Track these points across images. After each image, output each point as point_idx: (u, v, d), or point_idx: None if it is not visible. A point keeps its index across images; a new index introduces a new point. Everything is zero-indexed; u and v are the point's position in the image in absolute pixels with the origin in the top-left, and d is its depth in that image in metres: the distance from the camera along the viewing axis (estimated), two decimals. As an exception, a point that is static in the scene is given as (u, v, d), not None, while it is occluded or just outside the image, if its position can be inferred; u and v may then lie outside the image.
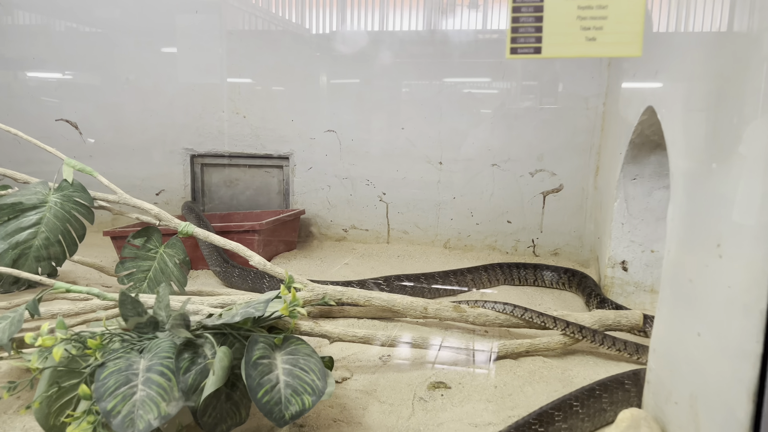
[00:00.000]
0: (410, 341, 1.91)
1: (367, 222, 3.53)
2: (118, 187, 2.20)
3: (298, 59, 3.45)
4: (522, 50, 1.05)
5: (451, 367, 1.94)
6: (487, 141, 3.28)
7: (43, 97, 3.77)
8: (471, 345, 1.97)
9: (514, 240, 3.36)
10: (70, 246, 2.10)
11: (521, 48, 1.05)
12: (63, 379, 1.51)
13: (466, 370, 1.92)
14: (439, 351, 1.98)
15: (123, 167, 3.72)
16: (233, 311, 1.72)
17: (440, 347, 1.95)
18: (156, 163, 3.69)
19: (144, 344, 1.56)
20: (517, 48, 1.05)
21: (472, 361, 1.98)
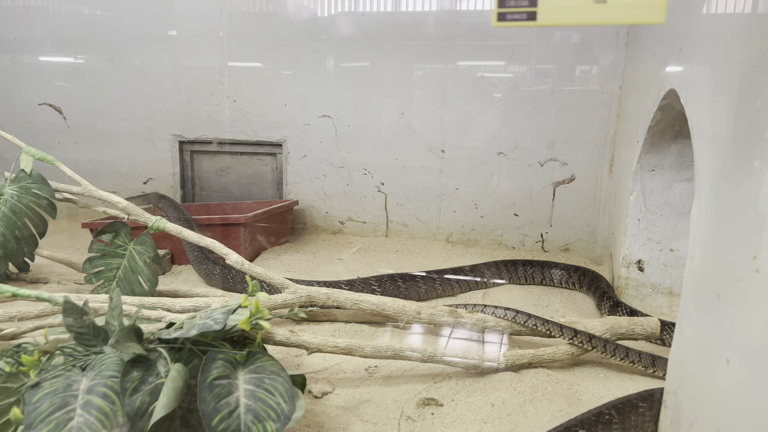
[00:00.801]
0: (398, 351, 1.71)
1: (365, 214, 3.33)
2: (104, 174, 2.01)
3: (292, 41, 3.24)
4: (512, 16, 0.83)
5: (444, 381, 1.74)
6: (494, 128, 3.05)
7: (26, 80, 3.59)
8: (467, 355, 1.76)
9: (521, 234, 3.14)
10: (28, 242, 1.92)
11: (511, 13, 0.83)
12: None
13: (461, 384, 1.73)
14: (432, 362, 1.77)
15: (109, 154, 3.54)
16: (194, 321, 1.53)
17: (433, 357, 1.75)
18: (143, 150, 3.50)
19: (90, 359, 1.38)
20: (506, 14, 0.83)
21: (467, 374, 1.78)
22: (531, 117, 3.00)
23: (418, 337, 2.05)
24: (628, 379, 1.82)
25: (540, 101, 2.98)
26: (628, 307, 2.19)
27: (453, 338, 2.05)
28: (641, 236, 2.30)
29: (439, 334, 2.08)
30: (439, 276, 2.45)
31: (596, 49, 2.90)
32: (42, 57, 3.60)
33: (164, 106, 3.44)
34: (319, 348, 1.69)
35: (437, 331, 2.09)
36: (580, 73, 2.99)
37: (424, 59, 3.12)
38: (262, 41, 3.28)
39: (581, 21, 0.80)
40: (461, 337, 2.05)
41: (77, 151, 3.55)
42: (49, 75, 3.57)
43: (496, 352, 1.95)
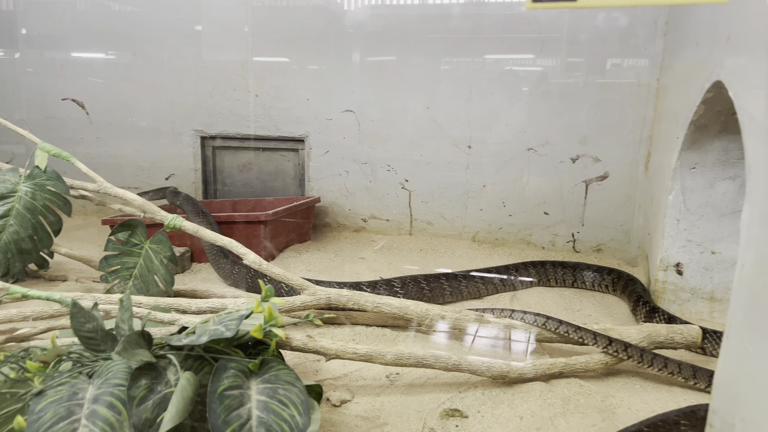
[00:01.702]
0: (421, 359, 1.62)
1: (388, 211, 3.24)
2: (125, 170, 1.96)
3: (315, 35, 3.16)
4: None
5: (469, 391, 1.65)
6: (523, 123, 2.93)
7: (50, 75, 3.58)
8: (494, 363, 1.67)
9: (551, 234, 3.01)
10: (43, 240, 1.88)
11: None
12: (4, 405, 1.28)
13: (487, 394, 1.63)
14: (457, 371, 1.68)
15: (131, 149, 3.51)
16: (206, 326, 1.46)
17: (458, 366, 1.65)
18: (165, 146, 3.46)
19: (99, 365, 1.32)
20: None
21: (494, 384, 1.69)
22: (562, 111, 2.87)
23: (442, 342, 1.96)
24: (666, 391, 1.71)
25: (572, 95, 2.85)
26: (665, 313, 2.07)
27: (479, 344, 1.95)
28: (680, 238, 2.17)
29: (464, 339, 1.98)
30: (465, 277, 2.36)
31: (632, 39, 2.76)
32: (66, 52, 3.59)
33: (186, 101, 3.39)
34: (337, 354, 1.61)
35: (462, 336, 1.99)
36: (614, 65, 2.85)
37: (450, 52, 3.01)
38: (285, 35, 3.21)
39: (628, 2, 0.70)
40: (487, 344, 1.95)
41: (99, 146, 3.54)
42: (72, 70, 3.56)
43: (525, 360, 1.85)
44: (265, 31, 3.23)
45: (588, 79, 2.83)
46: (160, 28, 3.37)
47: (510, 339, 1.92)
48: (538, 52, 2.89)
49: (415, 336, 1.98)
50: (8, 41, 3.61)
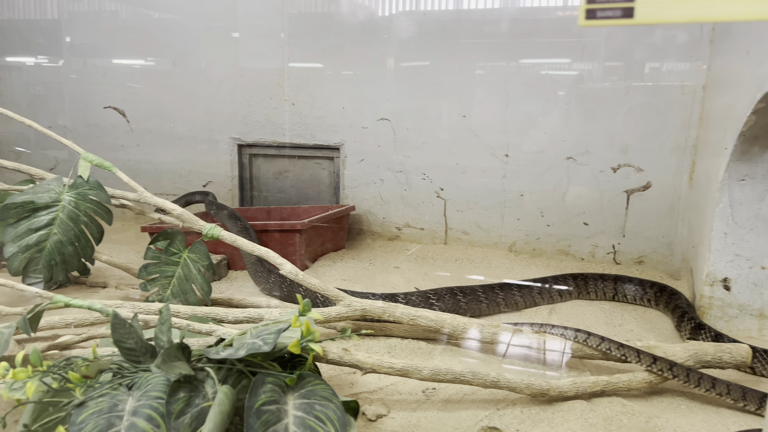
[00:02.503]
0: (458, 375, 1.59)
1: (423, 220, 3.21)
2: (164, 177, 1.99)
3: (351, 42, 3.16)
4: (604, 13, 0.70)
5: (508, 408, 1.61)
6: (562, 130, 2.87)
7: (93, 83, 3.67)
8: (534, 380, 1.62)
9: (591, 245, 2.94)
10: (85, 249, 1.91)
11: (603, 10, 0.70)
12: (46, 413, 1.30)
13: (526, 412, 1.59)
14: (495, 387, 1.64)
15: (170, 157, 3.57)
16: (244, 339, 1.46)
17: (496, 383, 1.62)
18: (202, 153, 3.51)
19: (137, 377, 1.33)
20: (597, 10, 0.70)
21: (534, 401, 1.65)
22: (603, 119, 2.80)
23: (480, 357, 1.92)
24: (714, 412, 1.64)
25: (613, 102, 2.78)
26: (712, 330, 1.99)
27: (517, 360, 1.91)
28: (728, 252, 2.09)
29: (502, 354, 1.94)
30: (502, 289, 2.31)
31: (676, 46, 2.68)
32: (108, 60, 3.68)
33: (224, 109, 3.43)
34: (373, 368, 1.59)
35: (499, 350, 1.95)
36: (657, 72, 2.77)
37: (487, 58, 2.97)
38: (321, 43, 3.22)
39: (691, 17, 0.66)
40: (526, 359, 1.91)
41: (139, 153, 3.60)
42: (114, 78, 3.64)
43: (565, 377, 1.80)
44: (302, 39, 3.24)
45: (630, 85, 2.76)
46: (199, 36, 3.42)
47: (549, 355, 1.87)
48: (577, 58, 2.83)
49: (451, 350, 1.95)
50: (53, 50, 3.72)
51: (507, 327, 1.92)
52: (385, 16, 3.13)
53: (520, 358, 1.92)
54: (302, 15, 3.27)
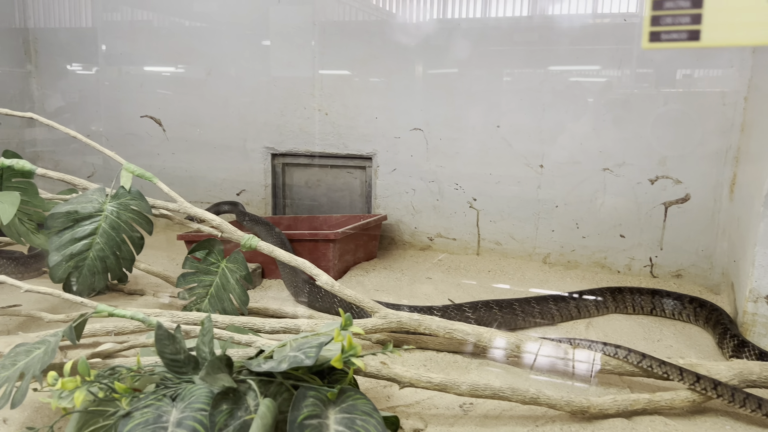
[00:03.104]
0: (497, 391, 1.58)
1: (455, 230, 3.19)
2: (199, 185, 2.02)
3: (385, 51, 3.17)
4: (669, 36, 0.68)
5: (547, 425, 1.59)
6: (598, 141, 2.83)
7: (130, 92, 3.74)
8: (574, 397, 1.60)
9: (627, 257, 2.89)
10: (126, 259, 1.95)
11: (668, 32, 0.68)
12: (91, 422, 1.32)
13: (565, 430, 1.56)
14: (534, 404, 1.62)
15: (204, 165, 3.62)
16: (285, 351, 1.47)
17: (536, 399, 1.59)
18: (237, 162, 3.55)
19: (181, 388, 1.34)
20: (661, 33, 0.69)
21: (573, 419, 1.62)
22: (640, 129, 2.76)
23: (517, 372, 1.90)
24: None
25: (650, 112, 2.74)
26: (756, 348, 1.94)
27: (555, 375, 1.88)
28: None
29: (540, 369, 1.91)
30: (538, 302, 2.29)
31: (717, 55, 2.63)
32: (144, 69, 3.75)
33: (258, 119, 3.47)
34: (411, 383, 1.59)
35: (537, 365, 1.93)
36: (697, 81, 2.72)
37: (520, 67, 2.96)
38: (354, 53, 3.24)
39: (760, 41, 0.65)
40: (564, 375, 1.88)
41: (174, 161, 3.66)
42: (150, 87, 3.71)
43: (605, 394, 1.77)
44: (335, 49, 3.26)
45: (668, 95, 2.71)
46: (233, 46, 3.47)
47: (588, 371, 1.84)
48: (612, 65, 2.80)
49: (488, 363, 1.93)
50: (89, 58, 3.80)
51: (545, 341, 1.90)
52: (416, 25, 3.13)
53: (559, 373, 1.89)
54: (335, 25, 3.29)
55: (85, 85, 3.90)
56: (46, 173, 1.98)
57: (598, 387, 1.84)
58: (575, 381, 1.86)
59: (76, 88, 3.93)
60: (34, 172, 1.97)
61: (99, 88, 3.83)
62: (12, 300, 2.45)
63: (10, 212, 1.88)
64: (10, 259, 2.75)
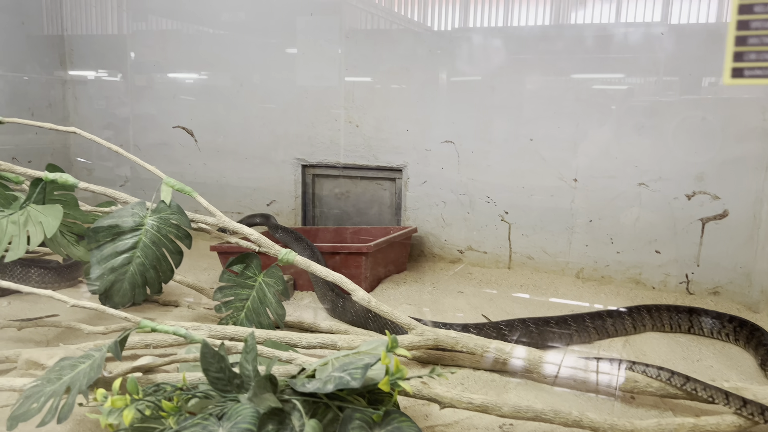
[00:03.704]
0: (540, 413, 1.56)
1: (486, 243, 3.17)
2: (229, 195, 2.04)
3: (415, 62, 3.17)
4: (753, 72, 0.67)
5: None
6: (635, 155, 2.80)
7: (163, 103, 3.79)
8: (617, 421, 1.57)
9: (662, 273, 2.85)
10: (165, 272, 1.96)
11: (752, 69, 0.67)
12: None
13: (610, 454, 1.54)
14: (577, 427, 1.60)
15: (236, 175, 3.65)
16: (328, 370, 1.46)
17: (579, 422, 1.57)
18: (268, 173, 3.57)
19: (226, 407, 1.35)
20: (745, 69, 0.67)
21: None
22: (678, 143, 2.72)
23: (556, 392, 1.87)
24: (811, 462, 1.55)
25: (689, 126, 2.70)
26: (802, 371, 1.89)
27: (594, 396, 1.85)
28: (819, 288, 1.98)
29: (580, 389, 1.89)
30: (575, 320, 2.26)
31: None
32: (176, 79, 3.80)
33: (289, 130, 3.49)
34: (452, 403, 1.57)
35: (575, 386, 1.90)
36: (737, 95, 2.68)
37: (554, 79, 2.93)
38: (384, 64, 3.25)
39: None
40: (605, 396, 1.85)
41: (206, 171, 3.70)
42: (182, 97, 3.75)
43: (648, 417, 1.73)
44: (366, 60, 3.28)
45: (706, 109, 2.67)
46: (265, 57, 3.50)
47: (630, 392, 1.81)
48: (651, 77, 2.77)
49: (526, 383, 1.91)
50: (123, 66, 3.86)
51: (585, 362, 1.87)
52: (448, 36, 3.12)
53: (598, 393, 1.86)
54: (366, 36, 3.30)
55: (117, 94, 3.95)
56: (88, 187, 2.01)
57: (638, 409, 1.81)
58: (616, 402, 1.83)
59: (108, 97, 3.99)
60: (76, 186, 1.99)
61: (131, 96, 3.89)
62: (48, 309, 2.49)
63: (54, 226, 1.91)
64: (46, 269, 2.79)
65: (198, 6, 3.65)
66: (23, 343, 2.17)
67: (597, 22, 2.88)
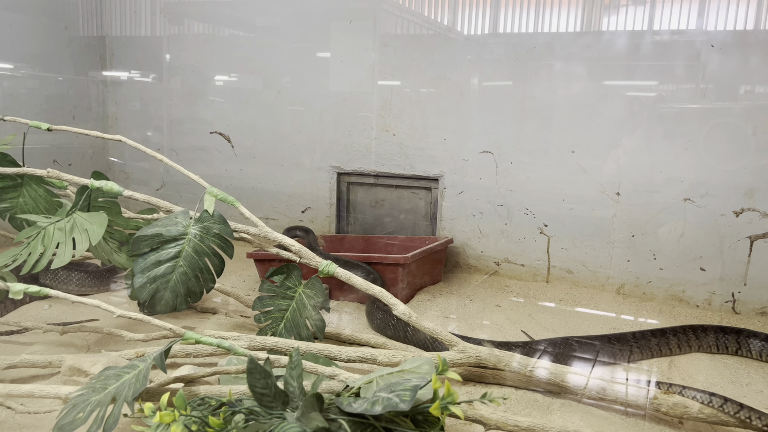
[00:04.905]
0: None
1: (524, 256, 3.12)
2: (265, 202, 2.03)
3: (451, 69, 3.14)
4: None
5: (641, 478, 1.51)
6: (680, 170, 2.72)
7: (200, 109, 3.82)
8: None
9: (707, 291, 2.77)
10: (207, 282, 1.96)
11: None
12: (183, 454, 1.32)
13: (661, 484, 1.49)
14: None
15: (271, 181, 3.66)
16: (373, 388, 1.44)
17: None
18: (303, 179, 3.57)
19: (272, 424, 1.33)
20: None
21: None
22: (727, 158, 2.64)
23: (601, 414, 1.82)
24: None
25: (738, 140, 2.62)
26: None
27: (641, 419, 1.80)
28: None
29: (624, 412, 1.83)
30: (619, 340, 2.20)
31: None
32: (214, 85, 3.83)
33: (325, 137, 3.49)
34: (498, 426, 1.54)
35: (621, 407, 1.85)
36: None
37: (599, 90, 2.87)
38: (422, 73, 3.22)
39: None
40: (652, 420, 1.79)
41: (242, 177, 3.72)
42: (220, 103, 3.78)
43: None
44: (404, 69, 3.25)
45: (758, 122, 2.59)
46: (302, 64, 3.50)
47: (679, 417, 1.75)
48: (699, 89, 2.69)
49: (570, 404, 1.86)
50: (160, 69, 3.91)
51: (631, 384, 1.82)
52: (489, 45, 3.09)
53: (645, 417, 1.81)
54: (404, 45, 3.28)
55: (154, 96, 4.00)
56: (133, 195, 2.02)
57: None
58: (664, 427, 1.77)
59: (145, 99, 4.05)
60: (121, 194, 2.01)
61: (168, 101, 3.93)
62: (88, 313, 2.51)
63: (99, 233, 1.92)
64: (85, 273, 2.82)
65: (234, 10, 3.68)
66: (65, 347, 2.20)
67: (640, 28, 2.82)
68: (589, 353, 2.16)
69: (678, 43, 2.73)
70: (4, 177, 2.18)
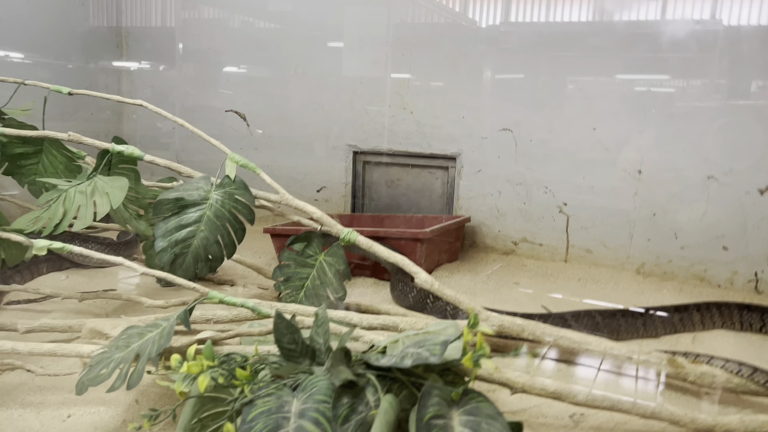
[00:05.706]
0: (616, 403, 1.49)
1: (542, 235, 3.09)
2: (280, 181, 2.02)
3: (473, 51, 3.11)
4: None
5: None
6: (704, 147, 2.69)
7: (216, 88, 3.81)
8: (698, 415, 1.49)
9: (729, 271, 2.73)
10: (228, 247, 1.95)
11: None
12: (206, 408, 1.31)
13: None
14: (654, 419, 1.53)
15: (286, 161, 3.65)
16: (400, 347, 1.42)
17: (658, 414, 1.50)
18: (318, 159, 3.56)
19: (298, 378, 1.32)
20: None
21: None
22: (752, 135, 2.60)
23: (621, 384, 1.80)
24: None
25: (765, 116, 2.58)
26: None
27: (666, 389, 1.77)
28: None
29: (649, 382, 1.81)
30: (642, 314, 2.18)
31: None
32: (229, 67, 3.81)
33: (342, 116, 3.47)
34: (524, 389, 1.51)
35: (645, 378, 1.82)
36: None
37: (621, 70, 2.84)
38: (442, 51, 3.19)
39: None
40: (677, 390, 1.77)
41: (257, 156, 3.70)
42: (236, 84, 3.77)
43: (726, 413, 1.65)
44: (423, 47, 3.23)
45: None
46: (319, 45, 3.49)
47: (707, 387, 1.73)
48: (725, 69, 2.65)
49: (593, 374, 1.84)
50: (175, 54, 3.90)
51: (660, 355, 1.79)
52: (508, 25, 3.06)
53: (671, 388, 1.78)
54: (424, 24, 3.26)
55: (170, 82, 4.00)
56: (154, 160, 2.01)
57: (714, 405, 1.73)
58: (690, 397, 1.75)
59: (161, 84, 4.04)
60: (142, 158, 2.00)
61: (184, 84, 3.93)
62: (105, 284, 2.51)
63: (120, 197, 1.91)
64: (102, 245, 2.82)
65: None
66: (83, 315, 2.19)
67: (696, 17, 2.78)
68: (612, 325, 2.13)
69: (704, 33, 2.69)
70: (23, 143, 2.18)
